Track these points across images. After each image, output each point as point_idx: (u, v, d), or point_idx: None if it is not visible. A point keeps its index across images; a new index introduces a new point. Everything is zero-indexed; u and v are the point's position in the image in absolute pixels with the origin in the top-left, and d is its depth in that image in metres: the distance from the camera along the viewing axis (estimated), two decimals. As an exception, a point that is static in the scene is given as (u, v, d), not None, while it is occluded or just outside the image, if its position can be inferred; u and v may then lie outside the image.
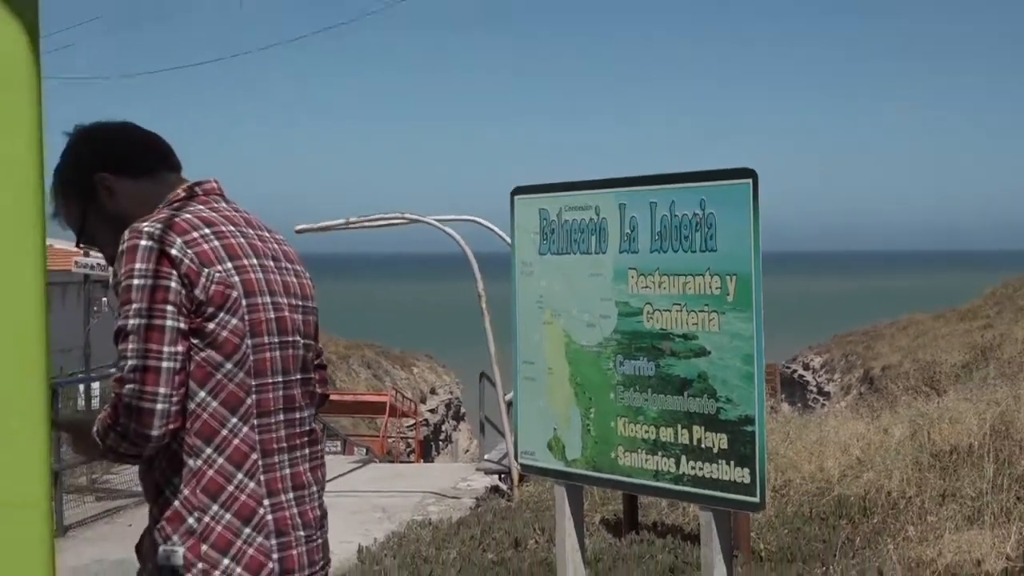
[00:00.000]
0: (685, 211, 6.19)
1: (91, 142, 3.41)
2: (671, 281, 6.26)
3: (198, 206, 3.29)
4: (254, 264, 3.22)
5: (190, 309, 3.09)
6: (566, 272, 6.85)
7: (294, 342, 3.32)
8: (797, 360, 52.73)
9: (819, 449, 11.72)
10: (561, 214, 6.89)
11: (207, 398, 3.14)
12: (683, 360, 6.21)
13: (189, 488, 3.14)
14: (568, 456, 6.85)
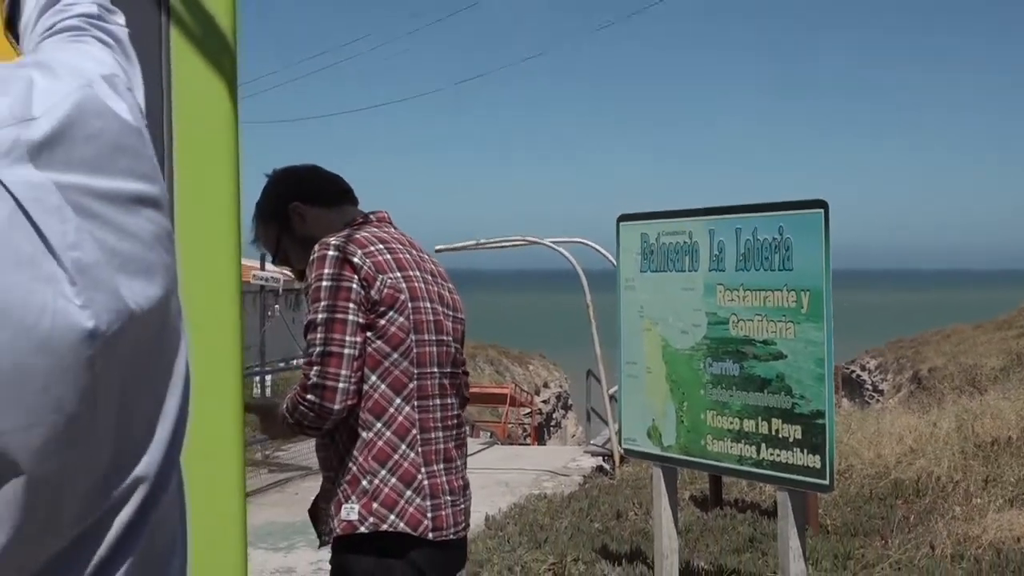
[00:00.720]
0: (765, 236, 6.16)
1: (287, 179, 3.53)
2: (753, 295, 6.23)
3: (373, 228, 3.38)
4: (417, 276, 3.30)
5: (367, 307, 3.19)
6: (663, 287, 6.85)
7: (447, 341, 3.37)
8: (855, 362, 52.00)
9: (876, 439, 11.56)
10: (659, 238, 6.89)
11: (377, 381, 3.21)
12: (763, 362, 6.18)
13: (363, 456, 3.20)
14: (664, 443, 6.84)
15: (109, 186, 1.13)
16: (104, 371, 1.08)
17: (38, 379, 1.03)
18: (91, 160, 1.12)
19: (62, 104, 1.13)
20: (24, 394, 1.02)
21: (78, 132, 1.12)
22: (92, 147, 1.13)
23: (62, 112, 1.12)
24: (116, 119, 1.18)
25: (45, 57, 1.26)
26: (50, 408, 1.04)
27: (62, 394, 1.05)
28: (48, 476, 1.04)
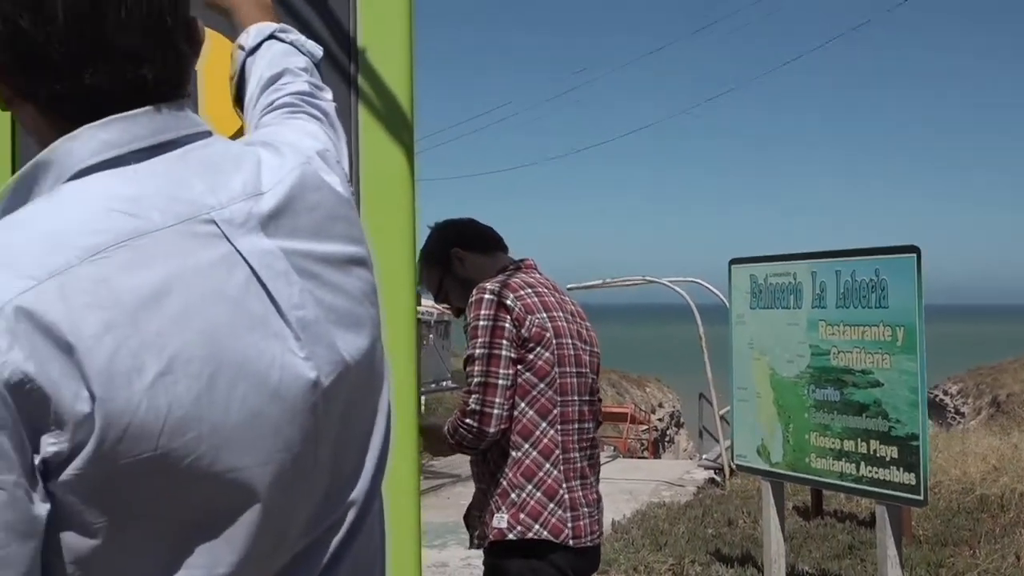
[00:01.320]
0: (863, 277, 6.03)
1: (449, 230, 3.57)
2: (852, 330, 6.09)
3: (523, 274, 3.38)
4: (560, 316, 3.30)
5: (518, 344, 3.20)
6: (771, 322, 6.74)
7: (586, 373, 3.36)
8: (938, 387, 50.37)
9: (962, 458, 11.16)
10: (767, 279, 6.79)
11: (526, 408, 3.21)
12: (862, 390, 6.03)
13: (512, 472, 3.20)
14: (772, 460, 6.71)
15: (326, 250, 1.14)
16: (324, 415, 1.10)
17: (271, 423, 1.05)
18: (311, 228, 1.14)
19: (286, 179, 1.15)
20: (260, 436, 1.04)
21: (300, 204, 1.14)
22: (312, 216, 1.15)
23: (286, 187, 1.14)
24: (331, 191, 1.20)
25: (269, 135, 1.28)
26: (281, 447, 1.06)
27: (290, 436, 1.07)
28: (279, 504, 1.06)
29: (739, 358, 7.03)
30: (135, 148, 1.07)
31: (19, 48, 1.05)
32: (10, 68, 1.07)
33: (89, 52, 1.05)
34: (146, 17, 1.07)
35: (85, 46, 1.04)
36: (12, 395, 0.94)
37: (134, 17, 1.06)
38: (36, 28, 1.03)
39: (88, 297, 0.96)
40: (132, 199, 1.03)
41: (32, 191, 1.07)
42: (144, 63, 1.07)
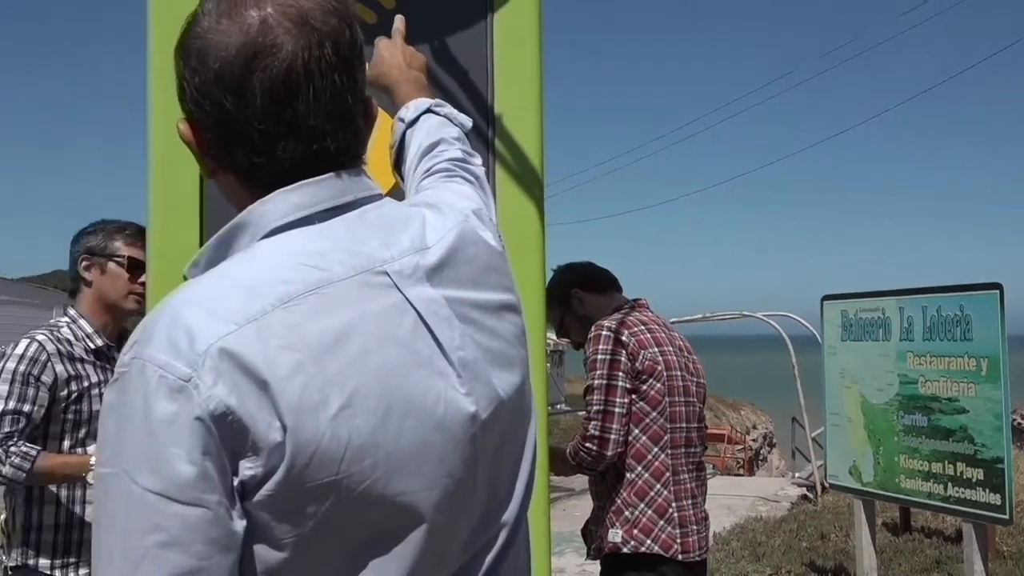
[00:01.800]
0: (948, 312, 5.82)
1: (570, 272, 3.57)
2: (939, 360, 5.88)
3: (637, 313, 3.35)
4: (670, 350, 3.25)
5: (632, 376, 3.16)
6: (861, 353, 6.55)
7: (693, 402, 3.30)
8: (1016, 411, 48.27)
9: (1044, 479, 10.63)
10: (856, 314, 6.60)
11: (639, 433, 3.18)
12: (948, 416, 5.80)
13: (626, 492, 3.16)
14: (864, 479, 6.49)
15: (483, 298, 1.15)
16: (482, 444, 1.10)
17: (436, 452, 1.05)
18: (470, 278, 1.15)
19: (448, 236, 1.16)
20: (426, 463, 1.04)
21: (460, 257, 1.15)
22: (470, 268, 1.15)
23: (448, 242, 1.15)
24: (486, 245, 1.21)
25: (431, 197, 1.28)
26: (444, 474, 1.06)
27: (453, 463, 1.07)
28: (442, 524, 1.06)
29: (832, 386, 6.85)
30: (320, 209, 1.09)
31: (224, 127, 1.08)
32: (215, 144, 1.11)
33: (283, 130, 1.07)
34: (330, 100, 1.08)
35: (280, 126, 1.07)
36: (216, 425, 0.96)
37: (321, 100, 1.08)
38: (239, 110, 1.06)
39: (281, 340, 0.99)
40: (317, 254, 1.05)
41: (231, 248, 1.10)
42: (328, 137, 1.09)
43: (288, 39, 1.06)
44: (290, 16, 1.07)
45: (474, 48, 2.31)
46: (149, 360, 0.98)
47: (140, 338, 1.01)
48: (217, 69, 1.06)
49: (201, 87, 1.07)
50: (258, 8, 1.07)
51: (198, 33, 1.08)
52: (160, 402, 0.96)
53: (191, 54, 1.08)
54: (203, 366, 0.96)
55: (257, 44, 1.05)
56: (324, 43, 1.07)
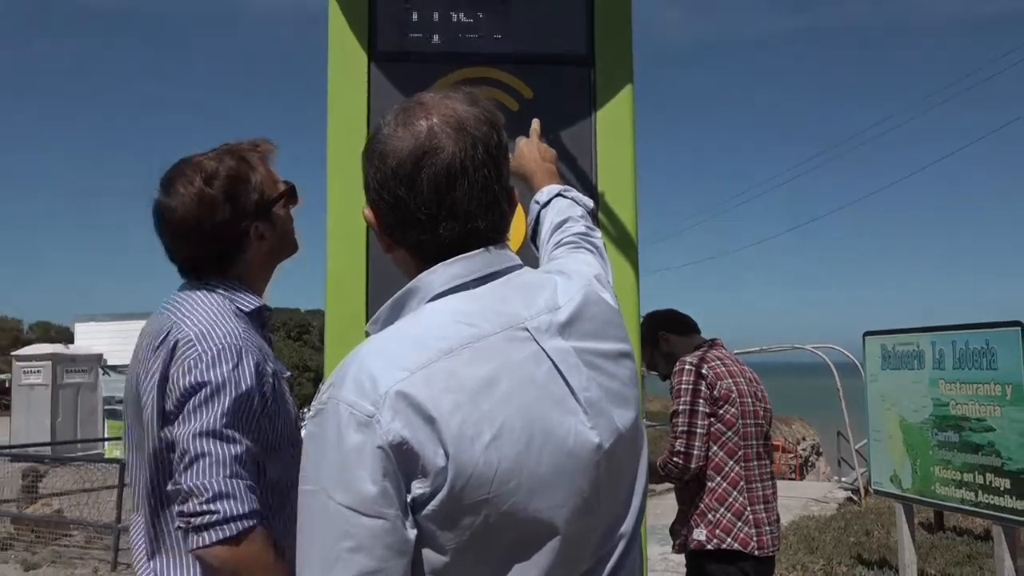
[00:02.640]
0: (975, 346, 5.53)
1: (658, 318, 3.51)
2: (967, 387, 5.58)
3: (714, 351, 3.29)
4: (741, 381, 3.18)
5: (711, 402, 3.10)
6: (899, 380, 6.27)
7: (761, 424, 3.21)
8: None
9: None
10: (894, 347, 6.34)
11: (717, 449, 3.10)
12: (977, 433, 5.50)
13: (708, 498, 3.09)
14: (903, 486, 6.19)
15: (604, 347, 1.14)
16: (605, 469, 1.09)
17: (567, 476, 1.05)
18: (593, 331, 1.14)
19: (575, 297, 1.15)
20: (560, 485, 1.04)
21: (585, 314, 1.15)
22: (594, 323, 1.15)
23: (576, 303, 1.15)
24: (606, 304, 1.20)
25: (561, 265, 1.29)
26: (574, 494, 1.05)
27: (581, 484, 1.06)
28: (573, 536, 1.05)
29: (873, 408, 6.58)
30: (473, 278, 1.11)
31: (398, 211, 1.11)
32: (391, 225, 1.13)
33: (443, 214, 1.10)
34: (481, 190, 1.11)
35: (442, 210, 1.09)
36: (394, 453, 0.98)
37: (474, 190, 1.10)
38: (410, 198, 1.09)
39: (444, 384, 1.00)
40: (471, 313, 1.07)
41: (403, 309, 1.12)
42: (479, 219, 1.11)
43: (449, 142, 1.09)
44: (451, 124, 1.10)
45: (582, 138, 2.32)
46: (342, 400, 1.01)
47: (335, 382, 1.04)
48: (394, 166, 1.09)
49: (382, 181, 1.11)
50: (426, 119, 1.10)
51: (380, 139, 1.12)
52: (350, 434, 0.99)
53: (374, 155, 1.12)
54: (384, 405, 0.99)
55: (425, 147, 1.08)
56: (477, 145, 1.10)
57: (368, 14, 2.25)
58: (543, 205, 1.57)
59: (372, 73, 2.25)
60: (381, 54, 2.26)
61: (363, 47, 2.24)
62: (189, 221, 1.60)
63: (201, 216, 1.60)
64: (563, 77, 2.30)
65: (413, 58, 2.27)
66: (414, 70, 2.26)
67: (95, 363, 16.99)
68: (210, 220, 1.61)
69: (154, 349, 1.53)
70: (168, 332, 1.53)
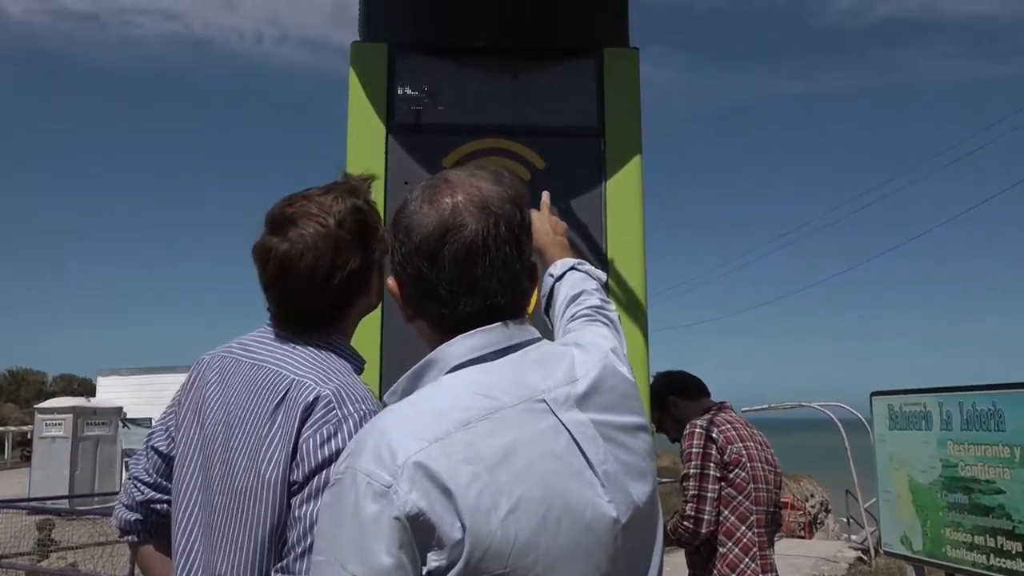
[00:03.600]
0: (982, 407, 5.44)
1: (668, 380, 3.46)
2: (976, 448, 5.48)
3: (723, 414, 3.24)
4: (751, 446, 3.13)
5: (721, 466, 3.04)
6: (907, 441, 6.17)
7: (771, 489, 3.14)
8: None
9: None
10: (901, 408, 6.25)
11: (728, 514, 3.03)
12: (987, 495, 5.37)
13: (719, 564, 3.01)
14: (914, 548, 6.04)
15: (621, 420, 1.13)
16: (622, 543, 1.07)
17: (585, 550, 1.03)
18: (610, 404, 1.13)
19: (593, 370, 1.15)
20: (577, 559, 1.02)
21: (603, 386, 1.14)
22: (611, 396, 1.14)
23: (593, 375, 1.14)
24: (623, 377, 1.19)
25: (578, 338, 1.28)
26: (591, 568, 1.03)
27: (598, 559, 1.04)
28: None
29: (882, 468, 6.46)
30: (491, 350, 1.10)
31: (421, 284, 1.12)
32: (413, 297, 1.14)
33: (464, 289, 1.10)
34: (502, 267, 1.11)
35: (462, 286, 1.10)
36: (410, 524, 0.97)
37: (495, 266, 1.11)
38: (432, 273, 1.10)
39: (461, 456, 0.99)
40: (489, 386, 1.06)
41: (422, 379, 1.12)
42: (499, 295, 1.12)
43: (472, 220, 1.10)
44: (475, 202, 1.12)
45: (592, 207, 2.35)
46: (360, 470, 1.00)
47: (353, 451, 1.04)
48: (418, 241, 1.10)
49: (406, 254, 1.12)
50: (451, 196, 1.12)
51: (406, 214, 1.14)
52: (367, 504, 0.98)
53: (399, 229, 1.14)
54: (401, 476, 0.97)
55: (449, 224, 1.10)
56: (500, 223, 1.11)
57: (387, 87, 2.29)
58: (557, 278, 1.56)
59: (389, 144, 2.28)
60: (398, 126, 2.30)
61: (381, 119, 2.28)
62: (319, 268, 1.38)
63: (334, 262, 1.39)
64: (574, 148, 2.34)
65: (428, 129, 2.31)
66: (430, 141, 2.29)
67: (115, 416, 17.00)
68: (343, 268, 1.40)
69: (270, 411, 1.32)
70: (288, 390, 1.33)
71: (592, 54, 2.36)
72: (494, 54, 2.33)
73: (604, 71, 2.35)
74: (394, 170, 2.28)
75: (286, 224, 1.42)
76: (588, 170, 2.34)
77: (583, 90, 2.36)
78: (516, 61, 2.34)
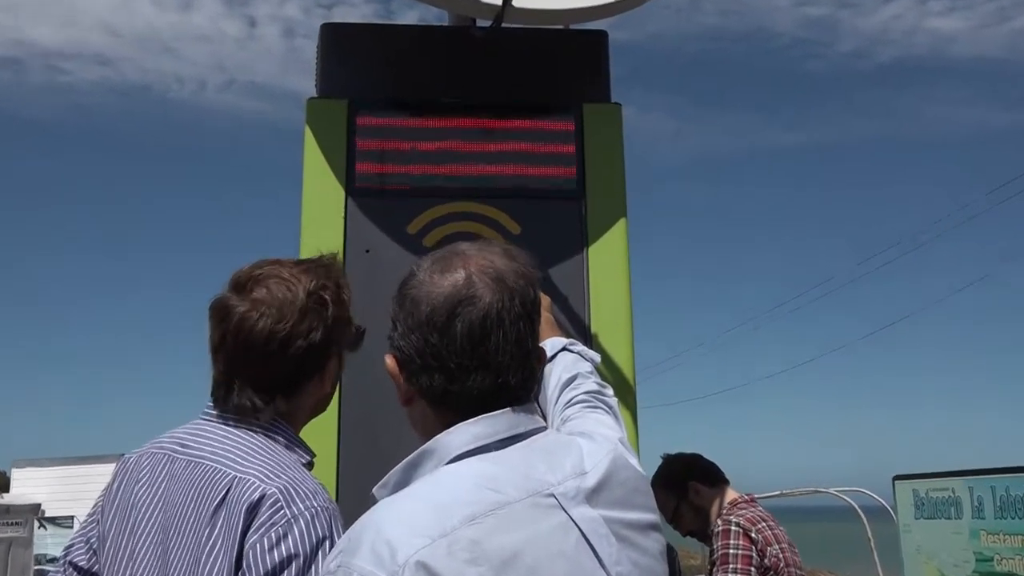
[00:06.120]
0: (1017, 492, 5.48)
1: (685, 464, 3.43)
2: (1012, 539, 5.49)
3: (753, 509, 3.24)
4: (786, 547, 3.15)
5: (761, 571, 3.06)
6: (935, 531, 6.18)
7: None
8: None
9: None
10: (927, 493, 6.27)
11: None
12: (1027, 593, 5.37)
13: None
14: (949, 655, 5.99)
15: (633, 518, 1.16)
16: None
17: None
18: (622, 500, 1.15)
19: (603, 462, 1.17)
20: None
21: (614, 480, 1.16)
22: (622, 490, 1.16)
23: (603, 468, 1.16)
24: (633, 470, 1.22)
25: (582, 427, 1.32)
26: None
27: None
28: None
29: (910, 562, 6.45)
30: (496, 439, 1.13)
31: (427, 359, 1.15)
32: (416, 372, 1.16)
33: (475, 364, 1.14)
34: (514, 343, 1.15)
35: (474, 360, 1.14)
36: None
37: (508, 342, 1.15)
38: (442, 345, 1.14)
39: (467, 554, 1.01)
40: (495, 478, 1.09)
41: (417, 470, 1.14)
42: (510, 372, 1.15)
43: (487, 292, 1.15)
44: (489, 274, 1.17)
45: (573, 276, 2.37)
46: (356, 569, 1.01)
47: (346, 548, 1.06)
48: (428, 312, 1.15)
49: (412, 326, 1.16)
50: (464, 268, 1.17)
51: (413, 284, 1.18)
52: None
53: (406, 300, 1.18)
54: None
55: (462, 295, 1.15)
56: (515, 298, 1.16)
57: (347, 147, 2.34)
58: (548, 359, 1.57)
59: (349, 208, 2.32)
60: (358, 189, 2.33)
61: (340, 181, 2.32)
62: (277, 333, 1.41)
63: (295, 329, 1.43)
64: (552, 211, 2.38)
65: (392, 193, 2.35)
66: (394, 205, 2.33)
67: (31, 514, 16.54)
68: (303, 336, 1.43)
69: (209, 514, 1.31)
70: (229, 488, 1.32)
71: (571, 110, 2.42)
72: (465, 110, 2.38)
73: (584, 128, 2.41)
74: (354, 238, 2.31)
75: (251, 284, 1.46)
76: (568, 236, 2.38)
77: (561, 149, 2.41)
78: (488, 118, 2.39)
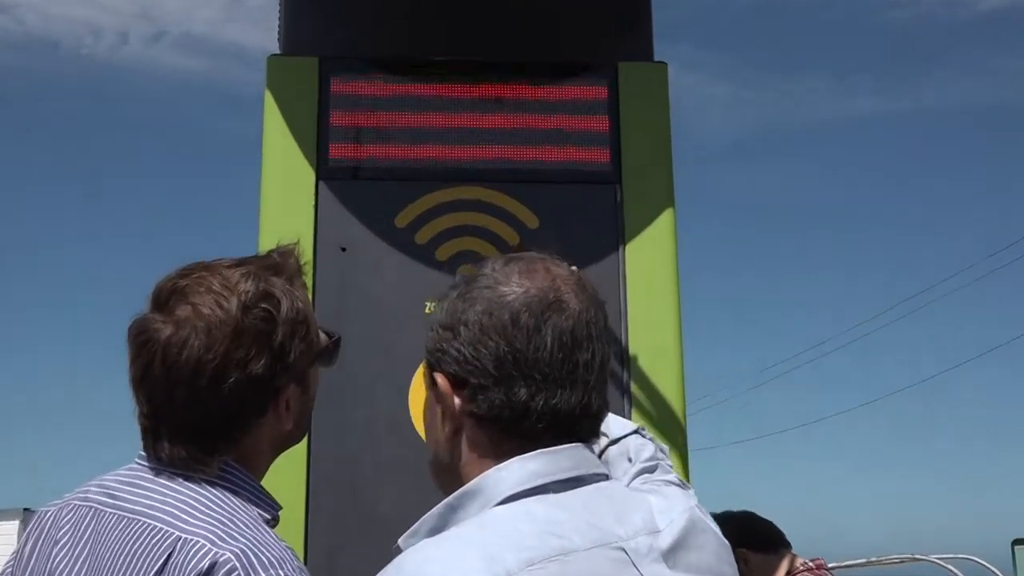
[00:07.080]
0: None
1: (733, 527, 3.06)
2: None
3: None
4: None
5: None
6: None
7: None
8: None
9: None
10: (1056, 562, 5.67)
11: None
12: None
13: None
14: None
15: None
16: None
17: None
18: (702, 565, 1.12)
19: (679, 520, 1.13)
20: None
21: (692, 542, 1.13)
22: (701, 554, 1.13)
23: (679, 527, 1.13)
24: (714, 535, 1.18)
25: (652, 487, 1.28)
26: None
27: None
28: None
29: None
30: (556, 479, 1.09)
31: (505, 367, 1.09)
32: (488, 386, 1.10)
33: (565, 377, 1.10)
34: (600, 363, 1.13)
35: (564, 372, 1.10)
36: None
37: (596, 359, 1.12)
38: (528, 351, 1.09)
39: None
40: (557, 523, 1.05)
41: (456, 514, 1.09)
42: (595, 395, 1.13)
43: (574, 300, 1.13)
44: (571, 282, 1.14)
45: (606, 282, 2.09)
46: None
47: None
48: (513, 314, 1.10)
49: (489, 330, 1.11)
50: (547, 272, 1.14)
51: (487, 283, 1.13)
52: None
53: (478, 301, 1.12)
54: None
55: (551, 298, 1.12)
56: (599, 310, 1.15)
57: (317, 116, 2.09)
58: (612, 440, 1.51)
59: (320, 193, 2.11)
60: (332, 169, 2.09)
61: (309, 160, 2.11)
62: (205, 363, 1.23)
63: (228, 358, 1.23)
64: (579, 199, 2.11)
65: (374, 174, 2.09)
66: (377, 190, 2.12)
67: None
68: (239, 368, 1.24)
69: None
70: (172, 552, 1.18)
71: (603, 71, 2.13)
72: (466, 71, 2.13)
73: (619, 94, 2.13)
74: (327, 232, 2.08)
75: (174, 299, 1.28)
76: (600, 230, 2.09)
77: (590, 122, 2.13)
78: (496, 80, 2.12)
